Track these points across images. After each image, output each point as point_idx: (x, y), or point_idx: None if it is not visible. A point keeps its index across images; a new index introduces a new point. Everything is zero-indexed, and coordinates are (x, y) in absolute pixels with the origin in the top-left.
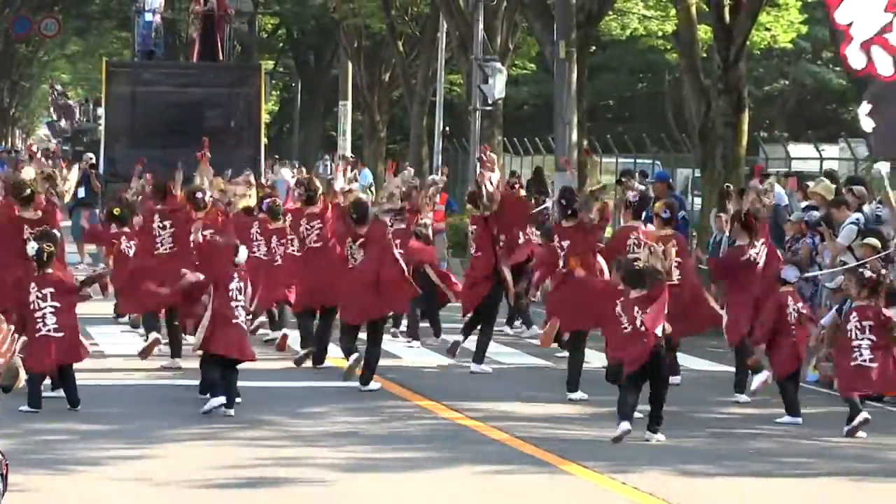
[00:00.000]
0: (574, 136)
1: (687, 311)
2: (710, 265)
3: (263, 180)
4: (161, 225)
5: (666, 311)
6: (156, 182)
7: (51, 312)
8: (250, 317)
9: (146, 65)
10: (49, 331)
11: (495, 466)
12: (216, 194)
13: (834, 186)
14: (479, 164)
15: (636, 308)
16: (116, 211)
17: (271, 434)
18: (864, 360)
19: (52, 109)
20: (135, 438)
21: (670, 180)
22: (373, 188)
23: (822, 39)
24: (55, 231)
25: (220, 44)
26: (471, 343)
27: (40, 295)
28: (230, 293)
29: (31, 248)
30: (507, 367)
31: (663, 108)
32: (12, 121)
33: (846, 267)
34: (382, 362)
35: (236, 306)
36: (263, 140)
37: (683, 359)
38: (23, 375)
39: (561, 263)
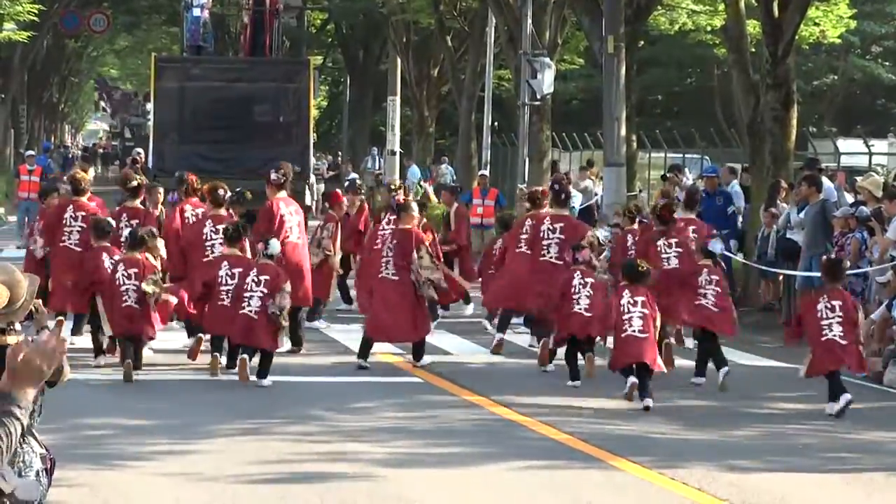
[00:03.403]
0: (623, 131)
1: None
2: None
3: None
4: (213, 229)
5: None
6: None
7: (133, 290)
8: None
9: (195, 60)
10: (130, 304)
11: (543, 461)
12: None
13: (882, 181)
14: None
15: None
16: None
17: (318, 429)
18: None
19: (102, 104)
20: (180, 433)
21: (719, 175)
22: (421, 184)
23: (871, 34)
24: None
25: (269, 39)
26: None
27: (126, 274)
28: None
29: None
30: (555, 363)
31: (712, 103)
32: (62, 116)
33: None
34: (428, 357)
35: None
36: (312, 135)
37: (731, 354)
38: (67, 371)
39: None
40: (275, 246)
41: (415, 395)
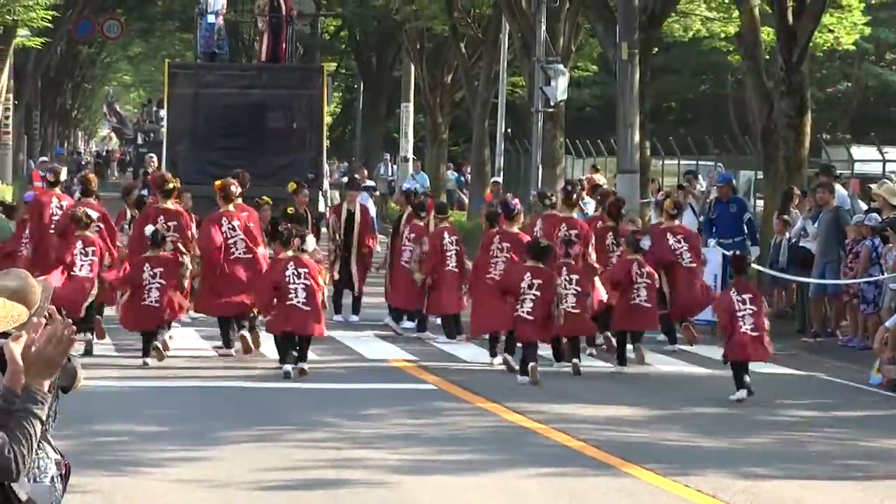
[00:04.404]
0: (636, 138)
1: None
2: None
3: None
4: (231, 227)
5: None
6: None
7: (156, 288)
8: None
9: (208, 66)
10: (151, 302)
11: (557, 468)
12: None
13: None
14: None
15: None
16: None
17: (329, 436)
18: None
19: (108, 115)
20: (192, 440)
21: (734, 182)
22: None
23: (886, 41)
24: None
25: (284, 45)
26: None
27: (151, 273)
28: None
29: (148, 229)
30: (568, 370)
31: (726, 109)
32: (74, 122)
33: None
34: (442, 364)
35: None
36: (325, 142)
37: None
38: (81, 377)
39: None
40: (311, 243)
41: (427, 401)
